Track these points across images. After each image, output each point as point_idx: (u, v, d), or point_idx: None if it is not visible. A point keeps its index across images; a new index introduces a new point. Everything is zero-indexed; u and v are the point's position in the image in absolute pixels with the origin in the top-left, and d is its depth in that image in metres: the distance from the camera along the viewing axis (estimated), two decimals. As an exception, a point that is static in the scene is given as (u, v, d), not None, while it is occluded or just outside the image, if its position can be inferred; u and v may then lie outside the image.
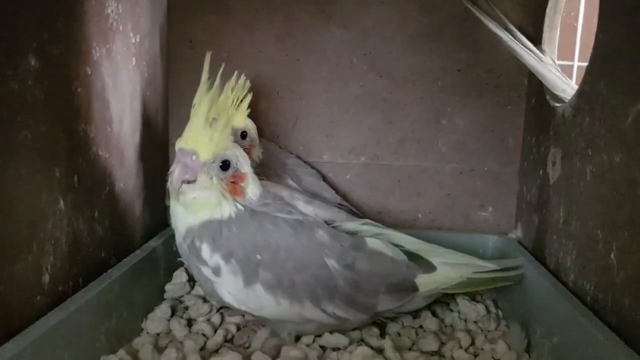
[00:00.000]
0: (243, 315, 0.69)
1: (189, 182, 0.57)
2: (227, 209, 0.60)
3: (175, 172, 0.57)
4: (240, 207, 0.61)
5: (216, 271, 0.59)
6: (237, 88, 0.68)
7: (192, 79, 0.87)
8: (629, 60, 0.54)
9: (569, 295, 0.61)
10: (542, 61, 0.75)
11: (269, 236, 0.60)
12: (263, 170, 0.77)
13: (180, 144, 0.58)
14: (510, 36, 0.76)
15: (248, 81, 0.69)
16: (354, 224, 0.70)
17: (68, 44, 0.56)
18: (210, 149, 0.57)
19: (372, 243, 0.66)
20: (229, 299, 0.61)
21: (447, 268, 0.68)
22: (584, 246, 0.61)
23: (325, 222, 0.67)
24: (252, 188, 0.62)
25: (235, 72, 0.67)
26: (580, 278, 0.62)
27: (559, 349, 0.59)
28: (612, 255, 0.55)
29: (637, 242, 0.51)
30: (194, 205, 0.59)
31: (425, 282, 0.66)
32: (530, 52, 0.75)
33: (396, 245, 0.68)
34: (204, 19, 0.88)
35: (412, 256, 0.68)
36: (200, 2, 0.88)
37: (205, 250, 0.59)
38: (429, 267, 0.67)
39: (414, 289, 0.66)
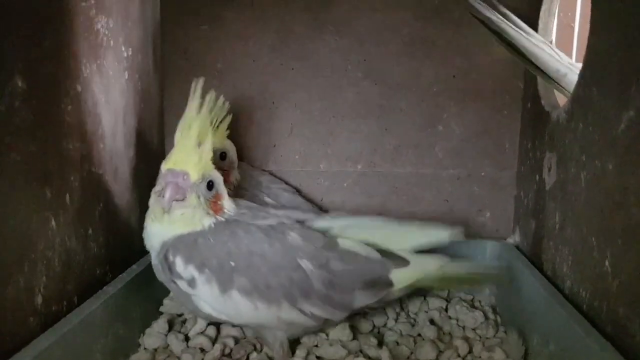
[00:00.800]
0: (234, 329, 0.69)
1: (177, 200, 0.60)
2: (207, 223, 0.62)
3: (167, 193, 0.59)
4: (219, 218, 0.63)
5: (191, 283, 0.60)
6: (217, 109, 0.68)
7: (187, 90, 0.87)
8: (620, 67, 0.54)
9: (564, 303, 0.60)
10: (534, 40, 0.73)
11: (241, 242, 0.61)
12: (240, 192, 0.77)
13: (169, 164, 0.60)
14: (500, 17, 0.74)
15: (227, 102, 0.69)
16: (323, 221, 0.69)
17: (57, 62, 0.56)
18: (199, 170, 0.60)
19: (344, 243, 0.65)
20: (207, 309, 0.61)
21: (420, 260, 0.67)
22: (580, 253, 0.61)
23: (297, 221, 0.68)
24: (228, 204, 0.64)
25: (214, 93, 0.67)
26: (576, 285, 0.61)
27: (555, 356, 0.58)
28: (607, 263, 0.54)
29: (630, 250, 0.50)
30: (180, 221, 0.60)
31: (400, 277, 0.66)
32: (522, 32, 0.74)
33: (369, 244, 0.67)
34: (198, 29, 0.88)
35: (385, 252, 0.67)
36: (194, 13, 0.88)
37: (179, 263, 0.60)
38: (402, 262, 0.66)
39: (389, 284, 0.66)
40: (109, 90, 0.68)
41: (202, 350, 0.66)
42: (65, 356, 0.52)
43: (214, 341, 0.68)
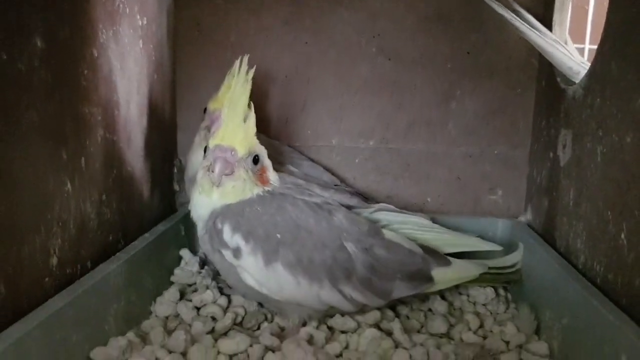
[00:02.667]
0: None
1: (226, 175, 0.61)
2: (255, 192, 0.63)
3: (217, 167, 0.60)
4: (267, 189, 0.64)
5: (236, 253, 0.60)
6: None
7: (200, 62, 0.88)
8: (640, 39, 0.53)
9: (579, 277, 0.60)
10: (548, 39, 0.73)
11: (289, 215, 0.62)
12: None
13: (217, 140, 0.61)
14: (514, 15, 0.74)
15: (251, 71, 0.68)
16: (369, 211, 0.72)
17: (74, 25, 0.56)
18: (245, 145, 0.61)
19: (388, 234, 0.67)
20: (250, 281, 0.62)
21: (462, 263, 0.70)
22: (594, 227, 0.61)
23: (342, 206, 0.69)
24: (273, 177, 0.66)
25: (236, 63, 0.67)
26: (591, 259, 0.61)
27: (569, 330, 0.58)
28: (623, 236, 0.54)
29: (648, 222, 0.50)
30: (232, 193, 0.61)
31: (441, 277, 0.68)
32: (536, 31, 0.74)
33: (412, 239, 0.69)
34: (211, 2, 0.87)
35: (428, 250, 0.69)
36: (208, -14, 0.87)
37: (227, 231, 0.60)
38: (445, 262, 0.68)
39: (430, 280, 0.67)
40: (124, 58, 0.68)
41: (214, 318, 0.66)
42: (79, 318, 0.52)
43: (225, 310, 0.68)
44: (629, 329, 0.48)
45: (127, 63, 0.69)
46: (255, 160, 0.63)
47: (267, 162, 0.65)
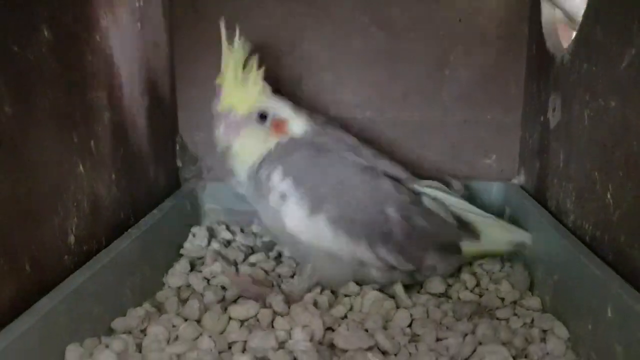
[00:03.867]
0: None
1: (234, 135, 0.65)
2: (275, 142, 0.66)
3: (221, 131, 0.64)
4: (284, 139, 0.67)
5: (283, 197, 0.64)
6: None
7: (196, 40, 0.90)
8: (624, 6, 0.55)
9: (568, 236, 0.64)
10: None
11: (338, 172, 0.66)
12: None
13: (218, 107, 0.65)
14: None
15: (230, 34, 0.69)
16: (417, 185, 0.73)
17: (77, 12, 0.58)
18: (245, 103, 0.64)
19: (428, 203, 0.70)
20: (290, 225, 0.65)
21: (490, 239, 0.72)
22: (583, 188, 0.64)
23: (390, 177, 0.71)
24: (296, 126, 0.68)
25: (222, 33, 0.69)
26: (580, 218, 0.64)
27: (559, 285, 0.62)
28: (609, 195, 0.57)
29: (631, 181, 0.53)
30: (244, 152, 0.66)
31: (469, 249, 0.71)
32: None
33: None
34: (206, -20, 0.89)
35: (461, 223, 0.71)
36: (201, -37, 0.88)
37: (277, 174, 0.64)
38: (474, 236, 0.71)
39: (458, 251, 0.70)
40: (124, 41, 0.70)
41: (223, 288, 0.70)
42: (99, 291, 0.56)
43: (233, 280, 0.71)
44: (615, 282, 0.51)
45: (127, 45, 0.71)
46: (263, 117, 0.65)
47: (284, 115, 0.68)
